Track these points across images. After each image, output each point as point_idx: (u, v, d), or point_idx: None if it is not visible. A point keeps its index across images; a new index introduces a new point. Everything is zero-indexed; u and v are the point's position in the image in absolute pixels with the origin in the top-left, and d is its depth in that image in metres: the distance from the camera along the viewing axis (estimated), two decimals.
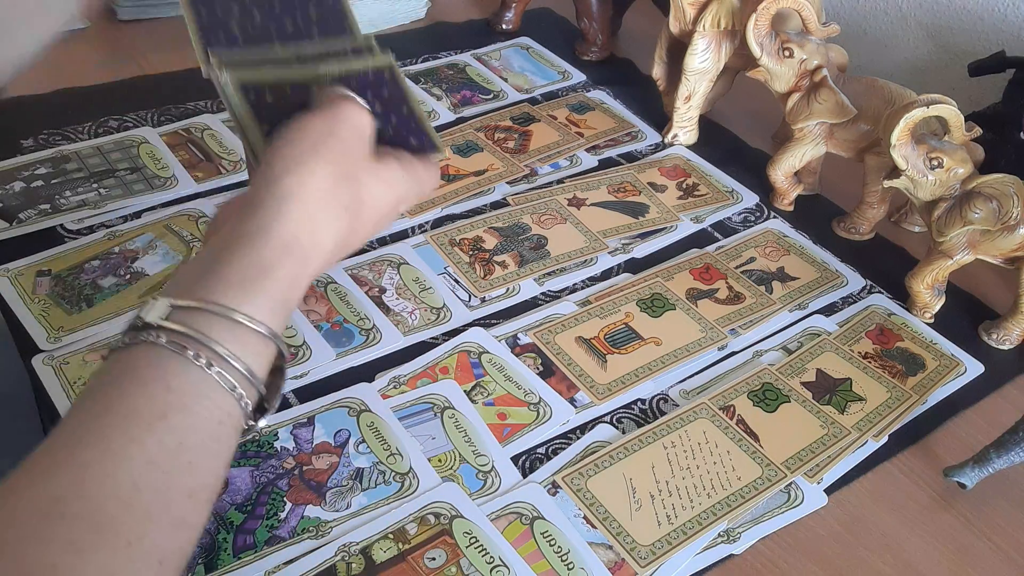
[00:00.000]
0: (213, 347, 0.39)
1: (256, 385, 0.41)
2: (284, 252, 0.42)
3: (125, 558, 0.35)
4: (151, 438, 0.37)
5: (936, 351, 0.73)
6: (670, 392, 0.67)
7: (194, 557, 0.53)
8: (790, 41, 0.78)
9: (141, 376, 0.38)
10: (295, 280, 0.42)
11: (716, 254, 0.80)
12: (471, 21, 1.10)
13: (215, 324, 0.39)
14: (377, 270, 0.73)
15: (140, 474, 0.36)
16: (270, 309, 0.41)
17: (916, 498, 0.63)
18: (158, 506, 0.37)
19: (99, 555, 0.34)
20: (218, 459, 0.40)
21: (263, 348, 0.41)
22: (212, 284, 0.40)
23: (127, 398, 0.38)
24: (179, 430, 0.38)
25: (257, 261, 0.41)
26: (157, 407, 0.37)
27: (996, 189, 0.70)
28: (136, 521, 0.36)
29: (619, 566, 0.55)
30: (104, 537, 0.35)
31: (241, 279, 0.40)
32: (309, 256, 0.43)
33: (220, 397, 0.39)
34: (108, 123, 0.85)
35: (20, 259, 0.70)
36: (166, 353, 0.39)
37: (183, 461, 0.38)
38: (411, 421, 0.62)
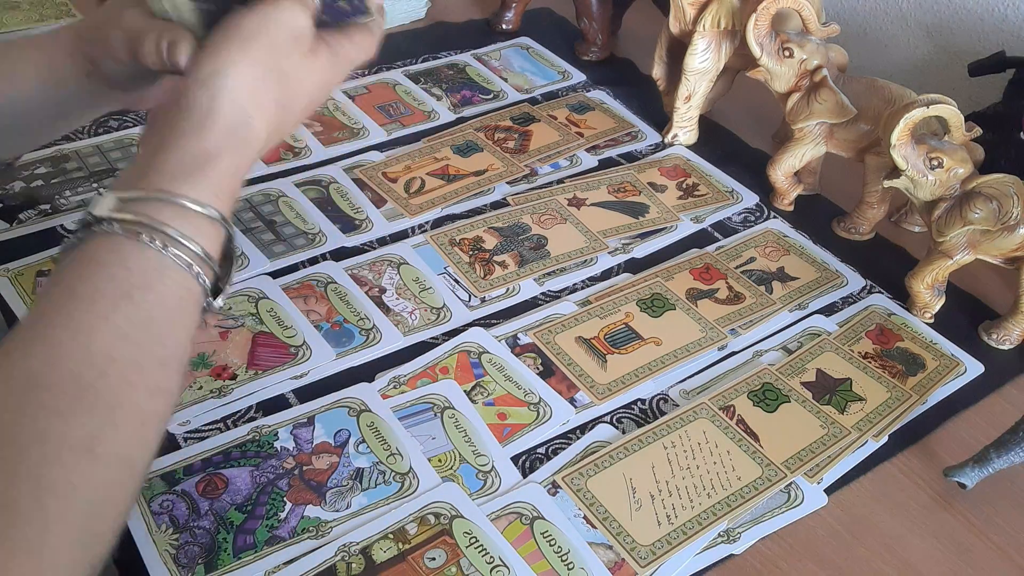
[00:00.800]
0: (165, 230, 0.41)
1: (211, 264, 0.43)
2: (223, 142, 0.44)
3: (108, 420, 0.38)
4: (118, 315, 0.40)
5: (936, 351, 0.73)
6: (670, 392, 0.67)
7: (194, 557, 0.53)
8: (790, 41, 0.78)
9: (100, 260, 0.41)
10: (235, 168, 0.45)
11: (716, 254, 0.80)
12: (471, 21, 1.10)
13: (164, 209, 0.42)
14: (377, 270, 0.73)
15: (112, 346, 0.39)
16: (215, 194, 0.44)
17: (916, 498, 0.63)
18: (134, 373, 0.39)
19: (84, 418, 0.37)
20: (184, 330, 0.43)
21: (212, 230, 0.43)
22: (156, 175, 0.43)
23: (90, 281, 0.40)
24: (145, 305, 0.40)
25: (196, 152, 0.44)
26: (120, 287, 0.40)
27: (996, 189, 0.70)
28: (114, 387, 0.38)
29: (619, 566, 0.55)
30: (85, 403, 0.37)
31: (183, 168, 0.43)
32: (246, 145, 0.46)
33: (178, 275, 0.42)
34: (108, 123, 0.85)
35: (20, 259, 0.70)
36: (121, 239, 0.41)
37: (152, 333, 0.41)
38: (411, 421, 0.62)
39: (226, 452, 0.59)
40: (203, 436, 0.60)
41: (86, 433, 0.37)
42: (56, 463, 0.36)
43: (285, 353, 0.65)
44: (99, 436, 0.37)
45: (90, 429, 0.37)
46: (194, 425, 0.60)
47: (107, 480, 0.37)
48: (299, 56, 0.48)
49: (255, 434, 0.60)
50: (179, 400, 0.43)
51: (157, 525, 0.54)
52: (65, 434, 0.36)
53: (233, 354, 0.65)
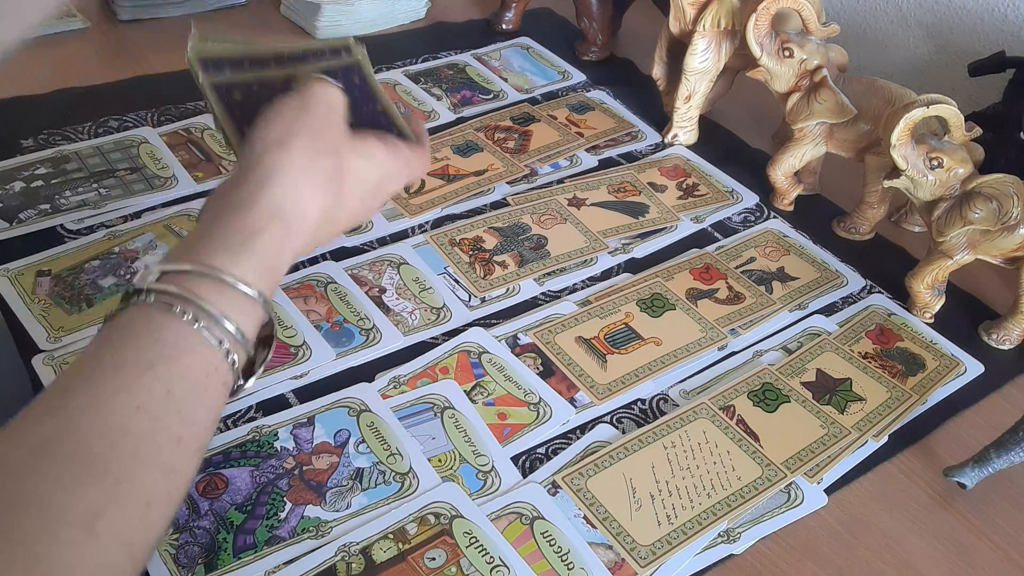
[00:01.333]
0: (200, 304, 0.41)
1: (244, 344, 0.42)
2: (269, 219, 0.44)
3: (113, 496, 0.36)
4: (139, 385, 0.38)
5: (936, 351, 0.73)
6: (670, 392, 0.67)
7: (194, 557, 0.53)
8: (790, 41, 0.78)
9: (131, 331, 0.40)
10: (281, 246, 0.45)
11: (716, 254, 0.80)
12: (471, 21, 1.10)
13: (202, 284, 0.41)
14: (377, 270, 0.73)
15: (129, 418, 0.38)
16: (256, 272, 0.43)
17: (916, 498, 0.63)
18: (147, 450, 0.38)
19: (88, 491, 0.36)
20: (207, 411, 0.41)
21: (250, 309, 0.43)
22: (200, 250, 0.43)
23: (117, 351, 0.40)
24: (167, 379, 0.39)
25: (242, 227, 0.43)
26: (145, 357, 0.39)
27: (996, 189, 0.70)
28: (124, 462, 0.37)
29: (619, 566, 0.55)
30: (92, 475, 0.36)
31: (227, 244, 0.43)
32: (293, 224, 0.45)
33: (207, 351, 0.41)
34: (108, 123, 0.85)
35: (20, 259, 0.70)
36: (155, 310, 0.40)
37: (171, 409, 0.39)
38: (411, 421, 0.62)
39: (226, 452, 0.59)
40: None
41: (88, 509, 0.35)
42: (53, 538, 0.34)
43: (285, 353, 0.65)
44: (101, 514, 0.36)
45: (92, 505, 0.35)
46: None
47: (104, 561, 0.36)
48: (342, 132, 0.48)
49: (255, 434, 0.60)
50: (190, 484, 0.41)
51: None
52: (67, 507, 0.35)
53: None
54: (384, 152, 0.51)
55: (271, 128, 0.47)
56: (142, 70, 0.93)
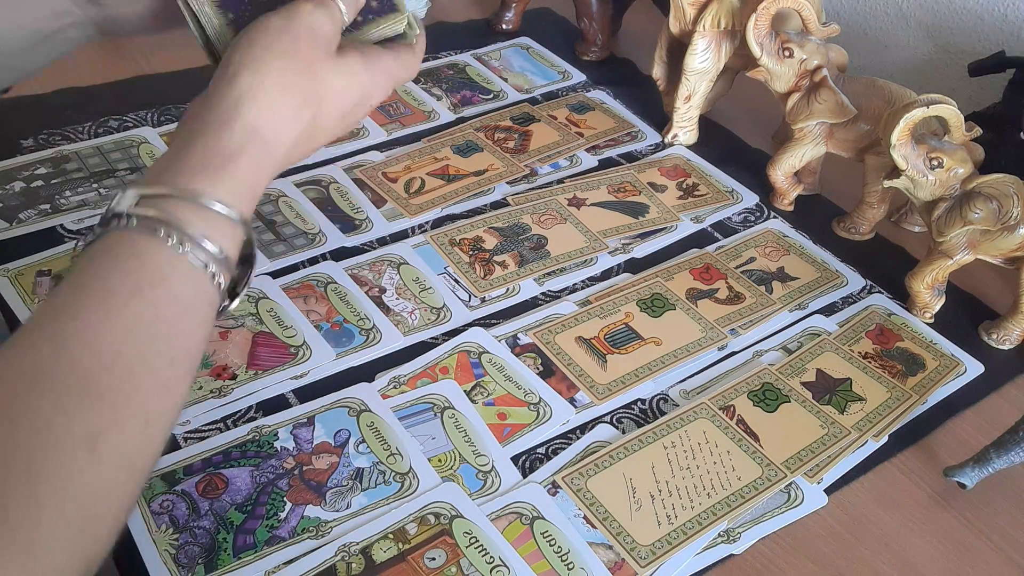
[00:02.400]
0: (183, 228, 0.41)
1: (226, 264, 0.43)
2: (245, 140, 0.44)
3: (111, 418, 0.37)
4: (128, 310, 0.39)
5: (936, 351, 0.73)
6: (670, 392, 0.67)
7: (194, 557, 0.53)
8: (790, 41, 0.78)
9: (115, 255, 0.40)
10: (259, 168, 0.45)
11: (716, 254, 0.80)
12: (471, 21, 1.10)
13: (183, 207, 0.41)
14: (377, 270, 0.73)
15: (121, 342, 0.38)
16: (235, 193, 0.43)
17: (916, 498, 0.63)
18: (141, 371, 0.39)
19: (86, 413, 0.36)
20: (196, 330, 0.42)
21: (231, 231, 0.43)
22: (177, 172, 0.43)
23: (102, 276, 0.40)
24: (155, 303, 0.40)
25: (220, 149, 0.43)
26: (131, 281, 0.40)
27: (996, 189, 0.70)
28: (120, 384, 0.38)
29: (619, 566, 0.55)
30: (90, 399, 0.37)
31: (205, 165, 0.43)
32: (271, 145, 0.45)
33: (192, 274, 0.41)
34: (108, 123, 0.85)
35: (20, 259, 0.70)
36: (137, 235, 0.41)
37: (161, 331, 0.40)
38: (411, 421, 0.62)
39: (226, 452, 0.59)
40: (203, 436, 0.60)
41: (88, 430, 0.36)
42: (54, 459, 0.35)
43: (285, 353, 0.65)
44: (101, 433, 0.36)
45: (92, 426, 0.36)
46: (194, 425, 0.60)
47: (107, 479, 0.37)
48: (325, 54, 0.48)
49: (255, 434, 0.60)
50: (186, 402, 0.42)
51: (157, 525, 0.54)
52: (66, 429, 0.36)
53: (233, 354, 0.65)
54: (364, 69, 0.50)
55: (251, 47, 0.46)
56: (142, 70, 0.93)
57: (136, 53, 0.96)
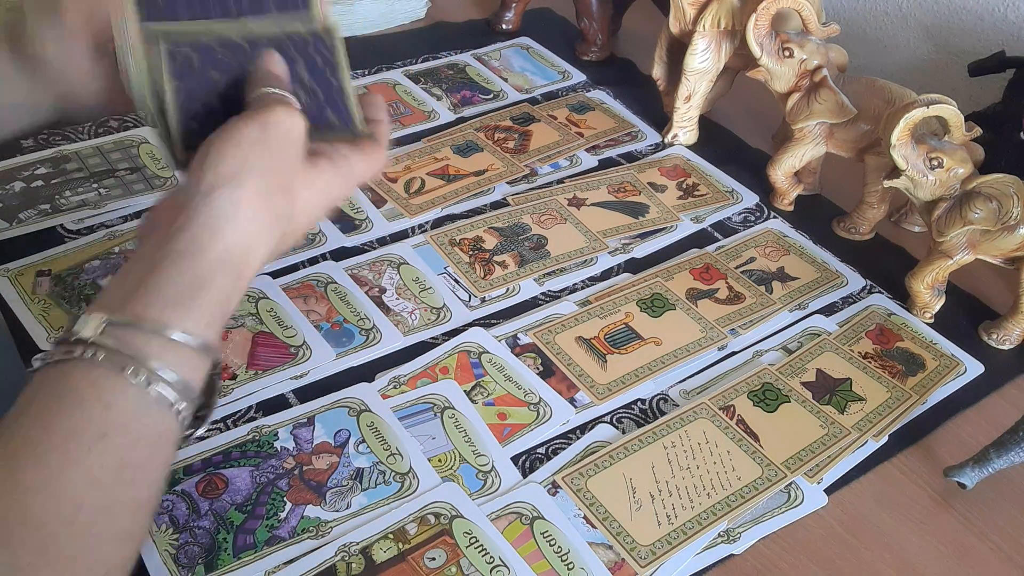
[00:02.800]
0: (151, 365, 0.39)
1: (194, 399, 0.41)
2: (219, 268, 0.42)
3: (69, 572, 0.36)
4: (91, 458, 0.37)
5: (936, 351, 0.73)
6: (670, 392, 0.67)
7: (194, 557, 0.53)
8: (790, 41, 0.78)
9: (79, 395, 0.38)
10: (230, 293, 0.43)
11: (716, 254, 0.80)
12: (471, 21, 1.10)
13: (152, 342, 0.39)
14: (377, 270, 0.73)
15: (83, 493, 0.37)
16: (206, 323, 0.41)
17: (916, 498, 0.63)
18: (102, 522, 0.37)
19: (43, 571, 0.35)
20: (158, 471, 0.40)
21: (199, 362, 0.41)
22: (147, 300, 0.40)
23: (65, 418, 0.38)
24: (119, 448, 0.38)
25: (192, 278, 0.41)
26: (96, 426, 0.38)
27: (996, 189, 0.70)
28: (79, 538, 0.36)
29: (619, 566, 0.55)
30: (47, 558, 0.35)
31: (177, 295, 0.41)
32: (242, 269, 0.43)
33: (159, 414, 0.40)
34: (108, 123, 0.85)
35: (20, 259, 0.70)
36: (103, 372, 0.38)
37: (125, 477, 0.38)
38: (411, 421, 0.62)
39: (226, 452, 0.59)
40: (203, 436, 0.60)
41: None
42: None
43: (285, 353, 0.65)
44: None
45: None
46: None
47: None
48: (298, 166, 0.46)
49: (255, 434, 0.60)
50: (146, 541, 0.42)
51: (157, 525, 0.54)
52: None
53: (233, 354, 0.65)
54: (334, 176, 0.48)
55: (224, 159, 0.43)
56: None
57: None
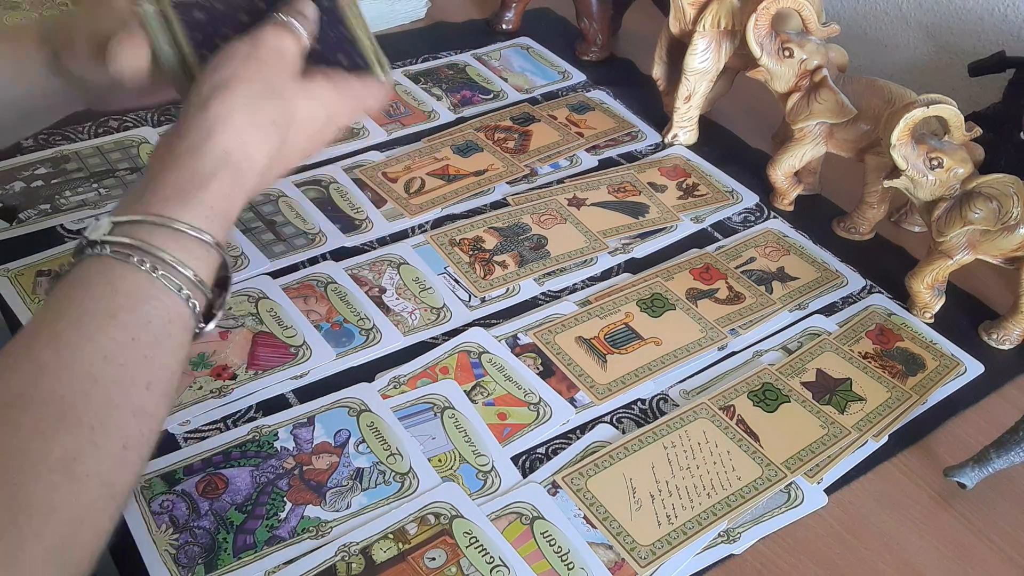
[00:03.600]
0: (156, 253, 0.41)
1: (202, 288, 0.43)
2: (217, 165, 0.44)
3: (89, 441, 0.38)
4: (103, 336, 0.40)
5: (936, 351, 0.73)
6: (670, 392, 0.67)
7: (194, 557, 0.53)
8: (790, 41, 0.78)
9: (89, 283, 0.41)
10: (231, 192, 0.45)
11: (716, 254, 0.80)
12: (471, 21, 1.10)
13: (156, 233, 0.42)
14: (377, 270, 0.73)
15: (97, 368, 0.39)
16: (208, 218, 0.44)
17: (916, 498, 0.63)
18: (117, 396, 0.39)
19: (64, 438, 0.37)
20: (172, 355, 0.42)
21: (204, 254, 0.44)
22: (150, 199, 0.43)
23: (77, 302, 0.40)
24: (130, 327, 0.40)
25: (191, 175, 0.44)
26: (106, 308, 0.40)
27: (996, 189, 0.70)
28: (97, 408, 0.38)
29: (619, 566, 0.55)
30: (66, 423, 0.37)
31: (178, 191, 0.43)
32: (242, 169, 0.46)
33: (167, 298, 0.42)
34: (108, 123, 0.85)
35: (20, 259, 0.70)
36: (111, 261, 0.41)
37: (137, 355, 0.40)
38: (411, 421, 0.62)
39: (226, 452, 0.59)
40: (203, 436, 0.60)
41: (66, 453, 0.37)
42: (34, 482, 0.35)
43: (285, 353, 0.65)
44: (79, 457, 0.37)
45: (70, 449, 0.37)
46: (194, 425, 0.60)
47: (85, 501, 0.37)
48: (291, 77, 0.48)
49: (255, 434, 0.60)
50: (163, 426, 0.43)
51: (157, 525, 0.54)
52: (45, 453, 0.36)
53: (233, 354, 0.65)
54: (332, 92, 0.51)
55: (217, 72, 0.46)
56: None
57: None
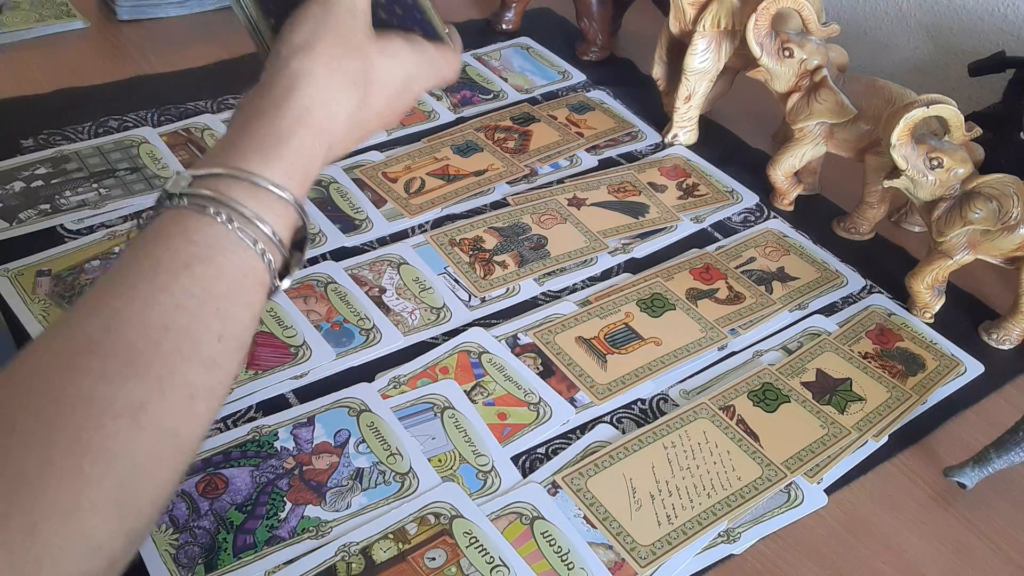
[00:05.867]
0: (233, 206, 0.41)
1: (278, 245, 0.43)
2: (298, 122, 0.45)
3: (157, 390, 0.37)
4: (177, 285, 0.39)
5: (936, 351, 0.73)
6: (670, 392, 0.67)
7: (194, 557, 0.53)
8: (790, 41, 0.78)
9: (165, 234, 0.41)
10: (312, 149, 0.45)
11: (716, 254, 0.80)
12: (471, 21, 1.10)
13: (235, 186, 0.42)
14: (377, 270, 0.73)
15: (169, 316, 0.38)
16: (287, 175, 0.43)
17: (916, 498, 0.63)
18: (188, 345, 0.39)
19: (131, 385, 0.36)
20: (246, 309, 0.42)
21: (283, 211, 0.43)
22: (230, 154, 0.43)
23: (152, 252, 0.40)
24: (204, 279, 0.40)
25: (273, 131, 0.44)
26: (181, 257, 0.40)
27: (996, 189, 0.70)
28: (166, 357, 0.38)
29: (619, 566, 0.55)
30: (135, 370, 0.37)
31: (258, 146, 0.43)
32: (323, 126, 0.46)
33: (243, 251, 0.41)
34: (108, 123, 0.85)
35: (20, 259, 0.70)
36: (188, 212, 0.41)
37: (210, 307, 0.40)
38: (411, 421, 0.62)
39: (226, 452, 0.59)
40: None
41: (131, 401, 0.36)
42: (98, 427, 0.35)
43: (285, 353, 0.65)
44: (145, 405, 0.36)
45: (137, 397, 0.36)
46: None
47: (149, 450, 0.36)
48: (366, 35, 0.49)
49: (255, 434, 0.60)
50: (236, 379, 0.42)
51: (157, 525, 0.54)
52: (110, 399, 0.36)
53: None
54: (409, 52, 0.51)
55: (295, 33, 0.47)
56: (142, 70, 0.93)
57: (136, 53, 0.96)
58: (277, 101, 0.45)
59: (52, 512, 0.33)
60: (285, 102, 0.45)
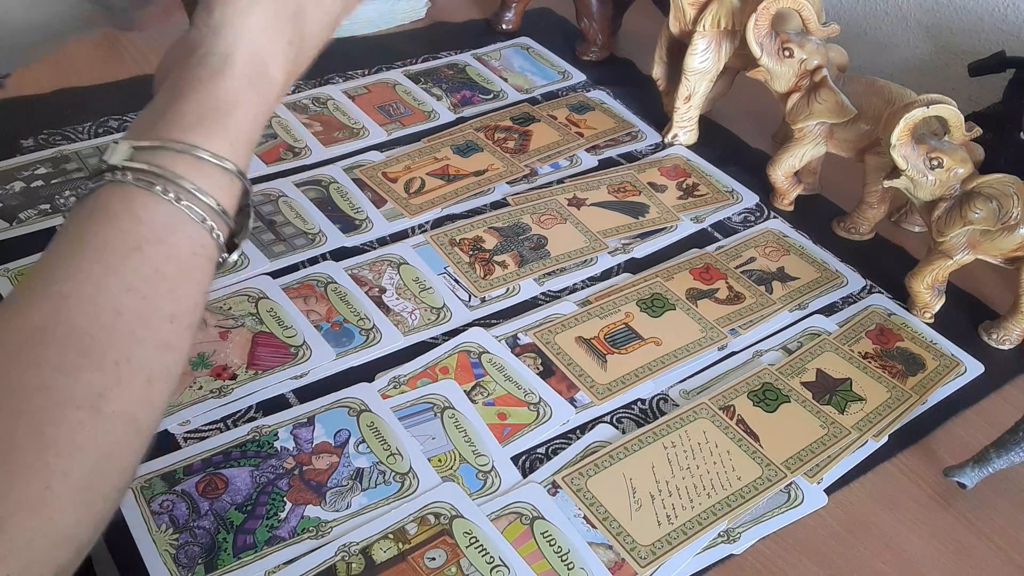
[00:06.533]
0: (179, 182, 0.40)
1: (225, 218, 0.42)
2: (240, 90, 0.43)
3: (114, 376, 0.37)
4: (126, 267, 0.38)
5: (936, 351, 0.73)
6: (670, 392, 0.67)
7: (194, 557, 0.53)
8: (790, 41, 0.78)
9: (111, 212, 0.40)
10: (254, 116, 0.44)
11: (716, 254, 0.80)
12: (471, 21, 1.10)
13: (179, 161, 0.41)
14: (377, 270, 0.73)
15: (120, 300, 0.38)
16: (231, 146, 0.42)
17: (916, 498, 0.63)
18: (141, 329, 0.38)
19: (88, 375, 0.36)
20: (196, 287, 0.41)
21: (228, 183, 0.42)
22: (171, 124, 0.42)
23: (99, 233, 0.39)
24: (154, 259, 0.39)
25: (214, 101, 0.43)
26: (130, 239, 0.39)
27: (996, 189, 0.70)
28: (121, 343, 0.37)
29: (619, 566, 0.55)
30: (91, 358, 0.36)
31: (200, 117, 0.42)
32: (263, 92, 0.45)
33: (191, 228, 0.41)
34: (108, 123, 0.85)
35: (20, 259, 0.70)
36: (133, 190, 0.40)
37: (161, 288, 0.39)
38: (411, 421, 0.62)
39: (226, 452, 0.59)
40: (203, 436, 0.60)
41: (90, 390, 0.36)
42: (60, 420, 0.35)
43: (285, 353, 0.65)
44: (104, 393, 0.36)
45: (95, 386, 0.36)
46: (194, 425, 0.60)
47: (112, 439, 0.36)
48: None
49: (255, 434, 0.60)
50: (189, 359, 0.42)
51: (157, 525, 0.54)
52: (69, 391, 0.35)
53: (233, 354, 0.65)
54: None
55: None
56: (142, 70, 0.93)
57: (136, 53, 0.96)
58: (217, 67, 0.43)
59: (20, 508, 0.33)
60: (226, 69, 0.43)
